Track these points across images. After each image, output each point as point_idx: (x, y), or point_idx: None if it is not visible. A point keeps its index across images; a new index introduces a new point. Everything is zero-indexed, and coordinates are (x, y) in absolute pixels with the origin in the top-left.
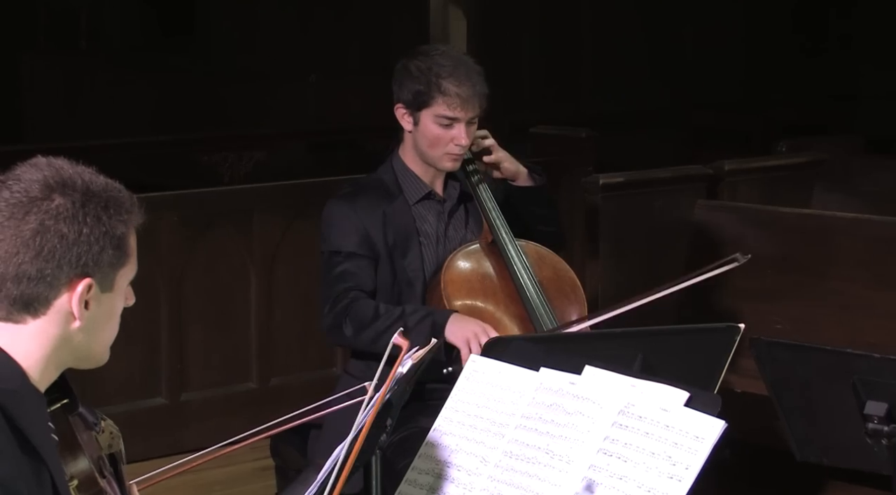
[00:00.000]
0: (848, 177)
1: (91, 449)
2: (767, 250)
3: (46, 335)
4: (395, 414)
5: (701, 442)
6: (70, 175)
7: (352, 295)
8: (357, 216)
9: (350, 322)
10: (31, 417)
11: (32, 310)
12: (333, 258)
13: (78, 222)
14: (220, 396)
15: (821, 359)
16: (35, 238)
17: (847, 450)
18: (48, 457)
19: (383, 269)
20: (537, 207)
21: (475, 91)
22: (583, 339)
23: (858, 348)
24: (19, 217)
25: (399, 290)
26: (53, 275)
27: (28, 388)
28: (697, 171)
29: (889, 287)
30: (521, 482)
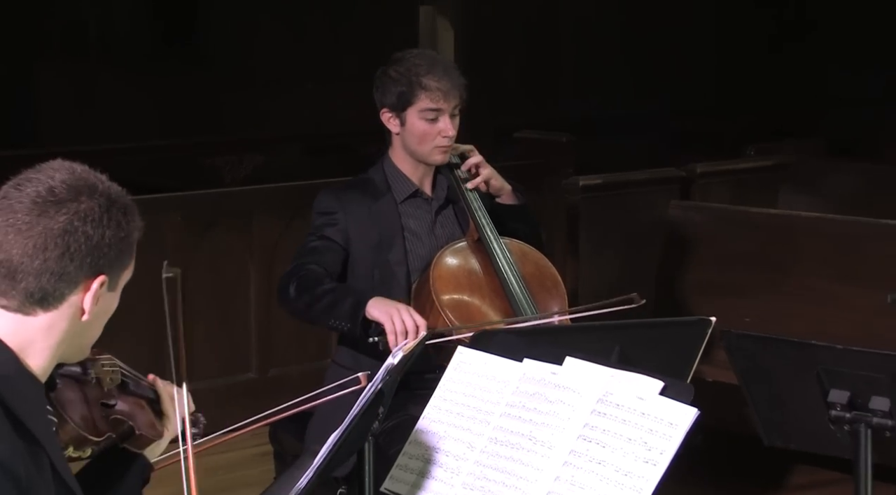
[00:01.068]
0: (812, 179)
1: (88, 401)
2: (736, 248)
3: (55, 328)
4: (386, 403)
5: (675, 428)
6: (92, 180)
7: (309, 265)
8: (341, 209)
9: (295, 284)
10: (26, 402)
11: (45, 305)
12: (310, 236)
13: (102, 225)
14: (222, 386)
15: (787, 351)
16: (63, 237)
17: (811, 436)
18: (46, 442)
19: (363, 263)
20: (519, 224)
21: (454, 83)
22: (563, 332)
23: (822, 340)
24: (49, 215)
25: (382, 283)
26: (74, 273)
27: (23, 374)
28: (671, 174)
29: (851, 282)
30: (505, 466)
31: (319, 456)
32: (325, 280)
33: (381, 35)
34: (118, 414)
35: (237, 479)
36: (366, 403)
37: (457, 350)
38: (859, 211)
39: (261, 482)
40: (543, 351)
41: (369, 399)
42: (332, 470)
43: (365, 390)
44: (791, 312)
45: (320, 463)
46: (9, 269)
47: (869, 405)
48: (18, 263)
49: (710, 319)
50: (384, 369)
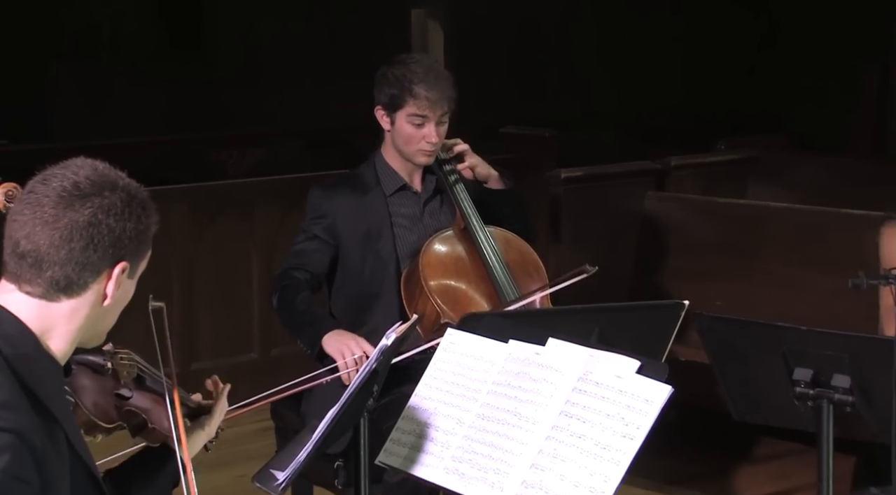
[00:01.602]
0: (778, 172)
1: (102, 389)
2: (708, 236)
3: (78, 313)
4: (380, 382)
5: (650, 404)
6: (114, 176)
7: (294, 274)
8: (329, 204)
9: (277, 295)
10: (44, 381)
11: (69, 292)
12: (301, 235)
13: (124, 218)
14: (226, 365)
15: (755, 332)
16: (88, 228)
17: (777, 411)
18: (63, 419)
19: (353, 254)
20: (507, 207)
21: (443, 94)
22: (546, 315)
23: (788, 322)
24: (75, 208)
25: (371, 273)
26: (97, 262)
27: (43, 355)
28: (647, 166)
29: (814, 267)
30: (492, 440)
31: (318, 431)
32: (302, 294)
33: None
34: (132, 406)
35: (240, 453)
36: (361, 382)
37: (446, 332)
38: (821, 201)
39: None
40: (528, 332)
41: (364, 378)
42: (330, 445)
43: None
44: (759, 296)
45: (319, 437)
46: (35, 259)
47: (831, 382)
48: (45, 253)
49: (684, 302)
50: (378, 350)
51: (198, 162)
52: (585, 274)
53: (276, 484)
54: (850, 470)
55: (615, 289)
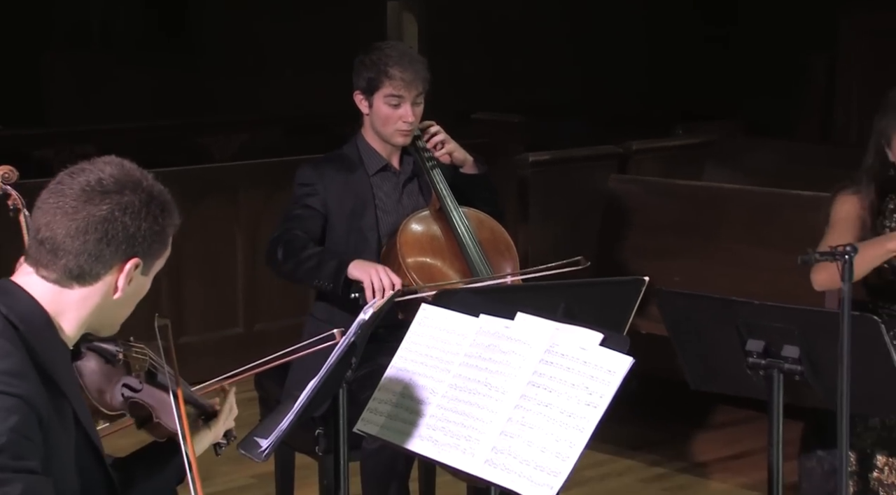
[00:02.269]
0: (733, 156)
1: (108, 376)
2: (667, 216)
3: (88, 302)
4: (358, 354)
5: (613, 375)
6: (138, 177)
7: (294, 231)
8: (320, 181)
9: (282, 249)
10: (54, 358)
11: (82, 281)
12: (293, 205)
13: (140, 218)
14: (213, 339)
15: (711, 306)
16: (103, 223)
17: (731, 380)
18: (71, 395)
19: (338, 229)
20: (481, 191)
21: (417, 75)
22: (515, 291)
23: (742, 297)
24: (95, 203)
25: (354, 247)
26: (110, 256)
27: (53, 334)
28: (610, 150)
29: (767, 246)
30: (464, 409)
31: (299, 400)
32: (309, 244)
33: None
34: (139, 399)
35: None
36: (340, 354)
37: (421, 307)
38: (773, 183)
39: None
40: (497, 307)
41: (343, 350)
42: (311, 413)
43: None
44: (715, 272)
45: (300, 407)
46: (52, 246)
47: (781, 353)
48: (61, 242)
49: (644, 279)
50: (356, 324)
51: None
52: (579, 265)
53: (259, 450)
54: (799, 435)
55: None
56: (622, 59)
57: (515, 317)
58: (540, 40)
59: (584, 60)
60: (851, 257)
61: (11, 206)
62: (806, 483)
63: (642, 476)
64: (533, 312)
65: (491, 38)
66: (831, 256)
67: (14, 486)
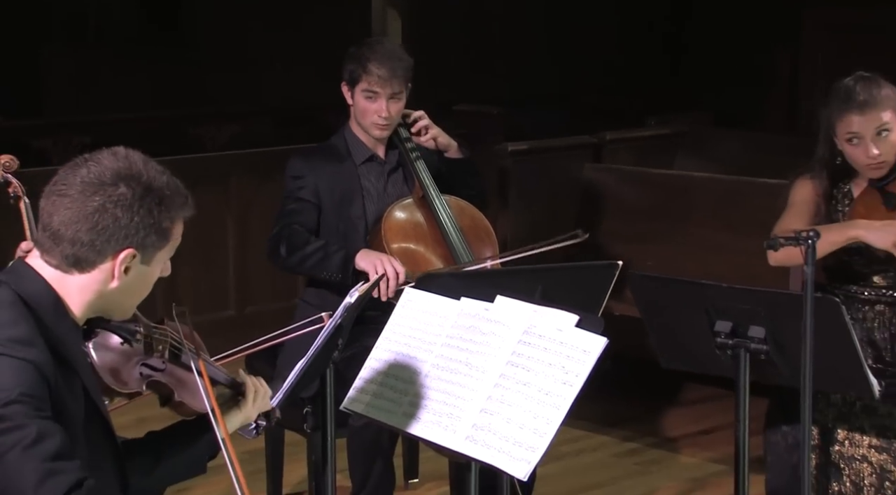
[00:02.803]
0: (703, 145)
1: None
2: (640, 203)
3: (88, 288)
4: (345, 336)
5: (588, 354)
6: (139, 170)
7: (293, 226)
8: (310, 171)
9: (285, 244)
10: (64, 334)
11: (80, 267)
12: (287, 200)
13: (132, 211)
14: (205, 321)
15: (681, 289)
16: (95, 214)
17: (700, 359)
18: (80, 369)
19: (329, 217)
20: (465, 175)
21: (393, 74)
22: (495, 275)
23: (710, 279)
24: (88, 194)
25: (344, 234)
26: (102, 245)
27: (62, 311)
28: (586, 140)
29: (735, 231)
30: (445, 388)
31: (289, 380)
32: (311, 238)
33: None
34: (160, 378)
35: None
36: (327, 336)
37: (404, 290)
38: (741, 171)
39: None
40: (478, 291)
41: (330, 332)
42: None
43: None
44: (685, 257)
45: (289, 386)
46: (52, 233)
47: (748, 333)
48: (57, 230)
49: (618, 263)
50: (343, 307)
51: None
52: (576, 238)
53: (250, 428)
54: (764, 411)
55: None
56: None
57: (495, 299)
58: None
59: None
60: (814, 242)
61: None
62: (771, 456)
63: (616, 451)
64: (512, 295)
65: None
66: (795, 241)
67: (28, 430)
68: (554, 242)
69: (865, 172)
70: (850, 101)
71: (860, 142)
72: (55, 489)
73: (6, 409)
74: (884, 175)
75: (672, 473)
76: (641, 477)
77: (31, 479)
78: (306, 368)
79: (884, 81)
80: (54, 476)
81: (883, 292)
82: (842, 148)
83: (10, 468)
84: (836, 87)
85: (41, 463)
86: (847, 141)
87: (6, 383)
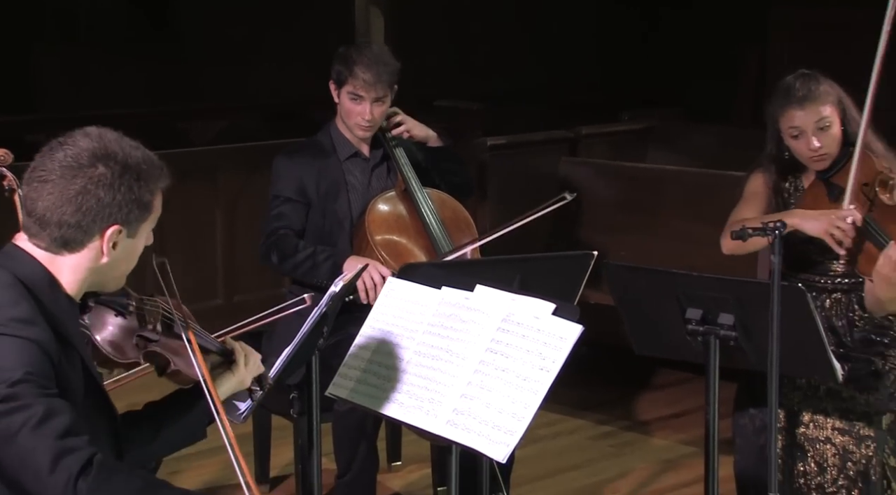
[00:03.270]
0: (674, 139)
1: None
2: (614, 195)
3: (80, 266)
4: (330, 323)
5: (564, 341)
6: (114, 148)
7: (281, 232)
8: (296, 168)
9: (276, 252)
10: (61, 311)
11: (69, 248)
12: (274, 200)
13: (114, 189)
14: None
15: (653, 278)
16: (78, 197)
17: (672, 345)
18: (79, 345)
19: (315, 212)
20: (448, 163)
21: (378, 79)
22: (475, 264)
23: (682, 269)
24: (69, 178)
25: (330, 229)
26: (89, 225)
27: (57, 290)
28: (562, 135)
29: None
30: (427, 374)
31: (275, 367)
32: (300, 244)
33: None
34: (156, 348)
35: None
36: (313, 324)
37: (388, 280)
38: (711, 165)
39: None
40: (458, 280)
41: (316, 320)
42: (286, 379)
43: (311, 313)
44: (658, 247)
45: (276, 372)
46: (38, 218)
47: (717, 320)
48: (42, 214)
49: (593, 253)
50: (328, 296)
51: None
52: (564, 200)
53: (238, 413)
54: (733, 395)
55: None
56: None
57: (475, 289)
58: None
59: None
60: (781, 232)
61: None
62: (739, 438)
63: (591, 434)
64: (491, 284)
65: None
66: (763, 231)
67: (35, 409)
68: (543, 208)
69: (809, 165)
70: (790, 97)
71: (802, 136)
72: (70, 467)
73: (13, 389)
74: (828, 167)
75: (645, 455)
76: (616, 458)
77: (44, 459)
78: (292, 355)
79: (823, 77)
80: (67, 454)
81: (839, 281)
82: (787, 143)
83: (22, 448)
84: (778, 85)
85: (53, 442)
86: (790, 136)
87: (11, 363)
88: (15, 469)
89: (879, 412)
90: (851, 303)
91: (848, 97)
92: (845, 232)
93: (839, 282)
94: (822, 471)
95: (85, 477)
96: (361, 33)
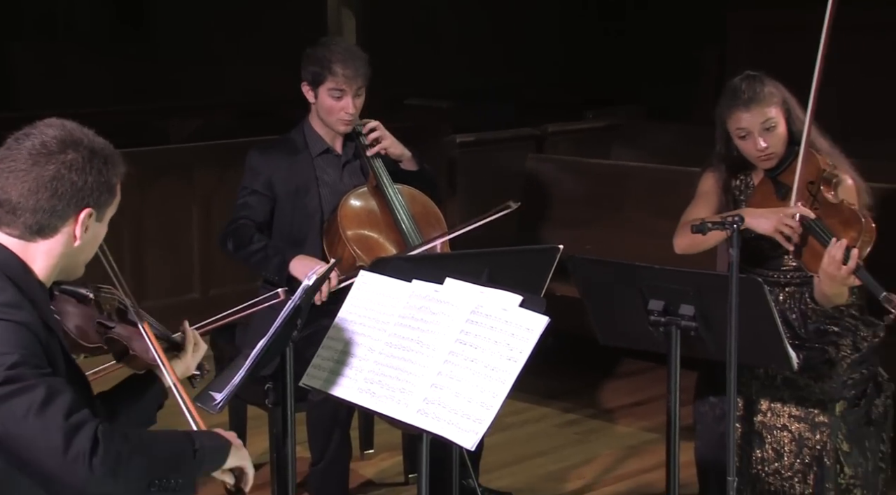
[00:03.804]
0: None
1: (82, 315)
2: (579, 190)
3: (53, 252)
4: (303, 316)
5: (531, 332)
6: (79, 135)
7: (241, 221)
8: (267, 163)
9: (232, 240)
10: (38, 297)
11: (43, 234)
12: (242, 191)
13: (85, 173)
14: (171, 303)
15: (617, 271)
16: (52, 182)
17: (635, 336)
18: (56, 328)
19: (285, 207)
20: (421, 185)
21: (357, 72)
22: (444, 258)
23: (644, 262)
24: (41, 164)
25: (300, 224)
26: (63, 210)
27: (31, 277)
28: (529, 132)
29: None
30: (398, 364)
31: (250, 358)
32: (255, 235)
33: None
34: (114, 334)
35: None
36: (286, 316)
37: (359, 273)
38: (672, 161)
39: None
40: (428, 273)
41: (289, 313)
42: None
43: (285, 306)
44: (621, 240)
45: (251, 363)
46: (11, 207)
47: (679, 311)
48: (17, 203)
49: (559, 247)
50: (301, 289)
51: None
52: (509, 209)
53: (214, 403)
54: (693, 384)
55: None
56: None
57: (444, 281)
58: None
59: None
60: (739, 226)
61: None
62: (700, 426)
63: (557, 422)
64: (460, 277)
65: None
66: (721, 226)
67: (38, 391)
68: (489, 215)
69: (757, 164)
70: (736, 99)
71: (749, 136)
72: (82, 444)
73: (12, 371)
74: (775, 166)
75: (609, 441)
76: (581, 445)
77: (57, 440)
78: (267, 346)
79: (768, 79)
80: (77, 431)
81: (791, 275)
82: (735, 142)
83: (32, 429)
84: (726, 86)
85: (62, 421)
86: (738, 136)
87: (5, 346)
88: (28, 450)
89: (833, 399)
90: (804, 295)
91: (793, 97)
92: (793, 229)
93: (792, 277)
94: (779, 457)
95: (95, 454)
96: (333, 33)
